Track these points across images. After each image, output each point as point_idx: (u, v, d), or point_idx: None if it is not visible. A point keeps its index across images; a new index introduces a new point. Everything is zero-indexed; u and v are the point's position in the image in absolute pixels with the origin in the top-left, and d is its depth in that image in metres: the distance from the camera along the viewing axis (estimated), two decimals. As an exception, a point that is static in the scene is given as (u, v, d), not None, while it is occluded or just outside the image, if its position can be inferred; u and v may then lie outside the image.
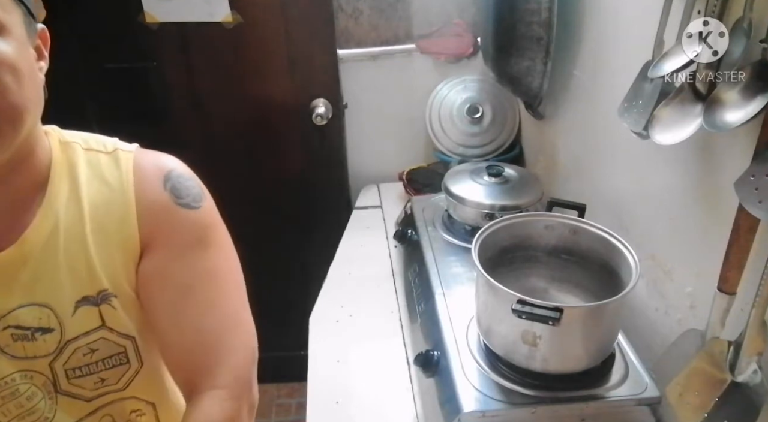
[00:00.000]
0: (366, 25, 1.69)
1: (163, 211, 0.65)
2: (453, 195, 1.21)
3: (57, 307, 0.61)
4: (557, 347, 0.79)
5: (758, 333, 0.67)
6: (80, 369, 0.64)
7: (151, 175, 0.66)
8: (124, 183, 0.64)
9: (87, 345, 0.63)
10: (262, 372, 1.67)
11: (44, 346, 0.61)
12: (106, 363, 0.65)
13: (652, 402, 0.80)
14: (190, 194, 0.68)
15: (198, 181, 0.71)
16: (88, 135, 0.69)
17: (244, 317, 0.70)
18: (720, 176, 0.77)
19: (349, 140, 1.80)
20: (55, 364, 0.62)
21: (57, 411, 0.64)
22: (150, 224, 0.64)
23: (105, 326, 0.64)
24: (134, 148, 0.69)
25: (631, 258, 0.83)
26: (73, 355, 0.62)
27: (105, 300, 0.63)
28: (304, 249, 1.90)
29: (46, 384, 0.63)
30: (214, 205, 0.72)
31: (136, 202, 0.64)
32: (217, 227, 0.71)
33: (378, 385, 1.04)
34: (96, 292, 0.62)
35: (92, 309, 0.62)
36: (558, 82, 1.30)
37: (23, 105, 0.54)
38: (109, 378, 0.66)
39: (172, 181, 0.67)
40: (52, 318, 0.60)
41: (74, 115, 1.64)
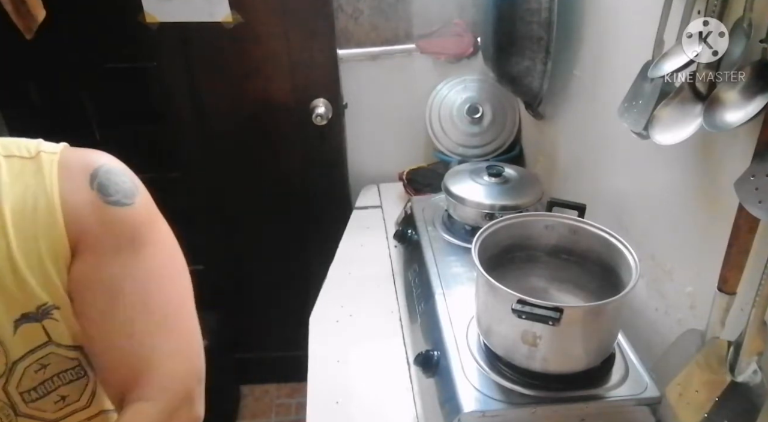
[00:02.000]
0: (366, 25, 1.69)
1: (91, 211, 0.60)
2: (453, 195, 1.21)
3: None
4: (557, 347, 0.79)
5: (758, 333, 0.67)
6: (36, 391, 0.60)
7: (77, 174, 0.61)
8: (48, 186, 0.59)
9: (37, 362, 0.59)
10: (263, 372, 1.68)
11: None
12: (62, 377, 0.62)
13: (652, 402, 0.80)
14: (120, 190, 0.62)
15: (131, 175, 0.65)
16: (8, 140, 0.62)
17: (185, 324, 0.65)
18: (720, 176, 0.77)
19: (349, 140, 1.80)
20: (8, 387, 0.59)
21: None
22: (77, 226, 0.59)
23: (52, 341, 0.60)
24: (60, 148, 0.63)
25: (631, 258, 0.83)
26: (24, 375, 0.59)
27: (46, 314, 0.59)
28: (304, 250, 1.90)
29: (4, 408, 0.59)
30: (151, 200, 0.67)
31: (62, 205, 0.59)
32: (153, 224, 0.66)
33: (378, 385, 1.04)
34: (35, 308, 0.58)
35: (34, 326, 0.58)
36: (558, 82, 1.30)
37: None
38: (69, 394, 0.63)
39: (99, 178, 0.62)
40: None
41: (74, 115, 1.66)
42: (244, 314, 2.02)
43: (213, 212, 1.85)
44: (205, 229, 1.86)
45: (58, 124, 1.66)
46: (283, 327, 1.94)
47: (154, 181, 2.03)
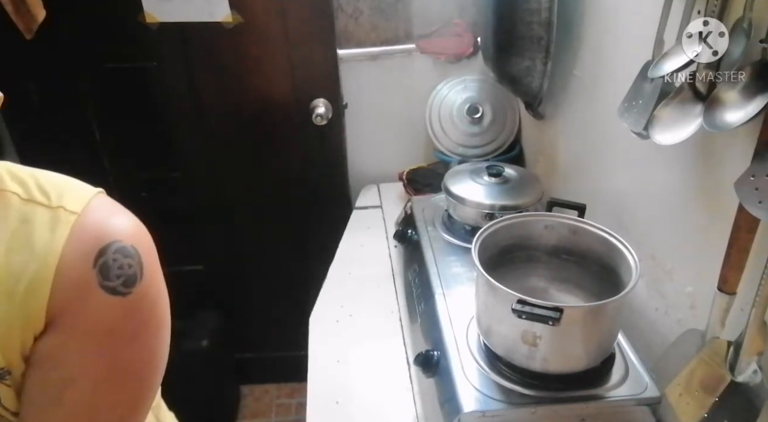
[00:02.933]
0: (366, 25, 1.69)
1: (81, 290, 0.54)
2: (453, 195, 1.21)
3: None
4: (557, 347, 0.79)
5: (758, 333, 0.67)
6: None
7: (86, 246, 0.55)
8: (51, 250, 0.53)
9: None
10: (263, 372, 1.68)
11: None
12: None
13: (652, 402, 0.80)
14: (123, 275, 0.56)
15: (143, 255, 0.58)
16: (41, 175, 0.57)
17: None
18: (720, 176, 0.77)
19: (349, 140, 1.80)
20: None
21: None
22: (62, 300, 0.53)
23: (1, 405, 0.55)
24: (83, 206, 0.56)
25: (631, 258, 0.83)
26: None
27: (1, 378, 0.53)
28: (304, 249, 1.90)
29: None
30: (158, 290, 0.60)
31: (56, 274, 0.53)
32: (145, 320, 0.59)
33: (378, 385, 1.04)
34: None
35: None
36: (558, 82, 1.30)
37: None
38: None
39: (106, 257, 0.55)
40: None
41: (74, 115, 1.66)
42: (244, 314, 2.02)
43: (213, 212, 1.85)
44: (205, 229, 1.87)
45: (58, 124, 1.66)
46: (283, 327, 1.94)
47: (154, 181, 2.04)
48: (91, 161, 1.71)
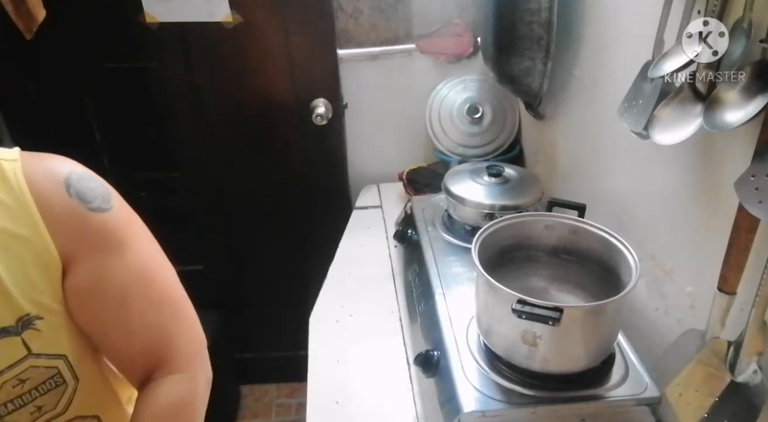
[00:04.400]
0: (366, 25, 1.69)
1: (76, 221, 0.61)
2: (453, 195, 1.21)
3: None
4: (557, 347, 0.79)
5: (758, 333, 0.67)
6: (12, 403, 0.60)
7: (49, 183, 0.60)
8: (21, 198, 0.58)
9: (15, 377, 0.59)
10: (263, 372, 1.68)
11: None
12: (40, 389, 0.61)
13: (652, 402, 0.80)
14: (98, 196, 0.63)
15: (99, 178, 0.65)
16: None
17: (185, 305, 0.72)
18: (720, 176, 0.77)
19: (349, 140, 1.80)
20: None
21: None
22: (65, 237, 0.59)
23: (32, 354, 0.59)
24: (16, 154, 0.62)
25: (631, 258, 0.83)
26: (1, 390, 0.58)
27: (27, 325, 0.59)
28: (304, 249, 1.90)
29: None
30: (121, 198, 0.67)
31: (42, 216, 0.58)
32: (132, 223, 0.67)
33: (378, 385, 1.04)
34: (15, 321, 0.58)
35: (13, 340, 0.58)
36: (558, 82, 1.30)
37: None
38: (46, 404, 0.62)
39: (74, 186, 0.61)
40: None
41: (74, 115, 1.66)
42: (244, 314, 2.02)
43: (213, 212, 1.85)
44: (205, 229, 1.87)
45: (58, 124, 1.66)
46: (283, 327, 1.94)
47: (154, 181, 2.04)
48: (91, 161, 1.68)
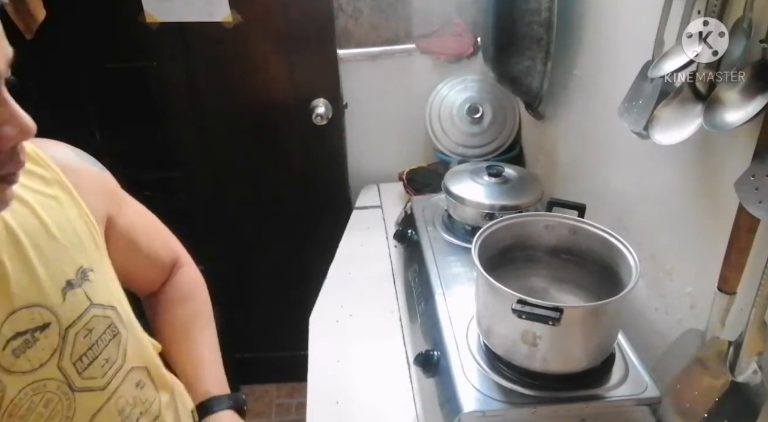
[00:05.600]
0: (366, 25, 1.69)
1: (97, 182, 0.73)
2: (453, 195, 1.20)
3: (46, 302, 0.59)
4: (557, 347, 0.79)
5: (758, 333, 0.67)
6: (86, 356, 0.63)
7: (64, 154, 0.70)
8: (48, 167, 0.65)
9: (84, 328, 0.63)
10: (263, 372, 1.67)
11: (47, 343, 0.59)
12: (103, 339, 0.65)
13: (652, 402, 0.80)
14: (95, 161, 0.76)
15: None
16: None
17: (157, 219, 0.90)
18: (720, 176, 0.77)
19: (349, 140, 1.80)
20: (62, 363, 0.61)
21: (76, 410, 0.62)
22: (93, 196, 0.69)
23: (92, 304, 0.64)
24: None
25: (631, 258, 0.83)
26: (75, 342, 0.62)
27: (84, 277, 0.63)
28: (304, 249, 1.90)
29: (60, 387, 0.61)
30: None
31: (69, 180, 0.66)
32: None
33: (378, 385, 1.04)
34: (75, 273, 0.62)
35: (77, 291, 0.62)
36: (558, 82, 1.30)
37: None
38: (110, 355, 0.66)
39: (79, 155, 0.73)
40: (46, 314, 0.59)
41: (74, 115, 1.66)
42: (244, 314, 2.02)
43: (213, 212, 1.85)
44: (205, 229, 1.86)
45: (58, 124, 1.66)
46: (283, 327, 1.94)
47: (154, 181, 2.04)
48: (91, 161, 1.71)
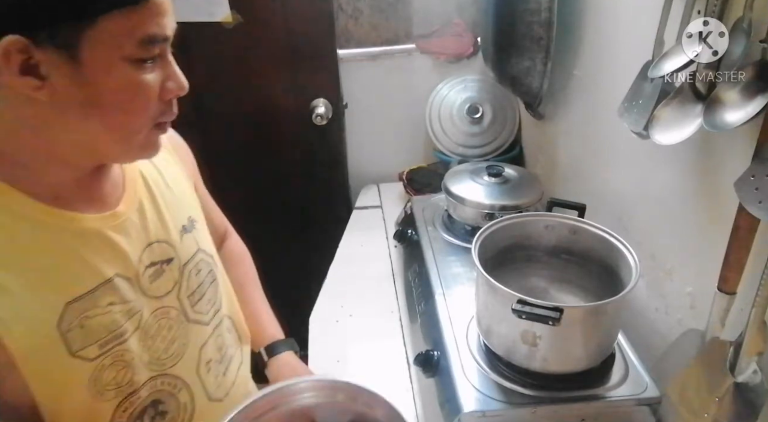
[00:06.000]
0: (366, 25, 1.69)
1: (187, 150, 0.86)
2: (453, 195, 1.20)
3: (170, 240, 0.70)
4: (557, 347, 0.79)
5: (758, 333, 0.67)
6: (196, 293, 0.73)
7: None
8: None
9: (195, 267, 0.73)
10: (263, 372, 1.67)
11: (170, 276, 0.69)
12: (207, 281, 0.75)
13: (652, 402, 0.80)
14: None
15: None
16: None
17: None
18: (720, 176, 0.77)
19: (349, 140, 1.80)
20: (180, 295, 0.70)
21: (189, 338, 0.71)
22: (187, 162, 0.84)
23: (200, 249, 0.75)
24: None
25: (631, 258, 0.83)
26: (189, 279, 0.72)
27: (193, 225, 0.75)
28: (304, 250, 1.90)
29: (178, 316, 0.70)
30: None
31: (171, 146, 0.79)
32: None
33: (378, 385, 1.04)
34: (187, 220, 0.74)
35: (190, 235, 0.74)
36: (558, 82, 1.30)
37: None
38: (212, 296, 0.76)
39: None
40: (170, 250, 0.69)
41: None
42: (245, 314, 2.02)
43: (213, 212, 1.85)
44: (205, 229, 1.87)
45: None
46: (283, 326, 1.94)
47: (154, 181, 1.98)
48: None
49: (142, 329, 0.64)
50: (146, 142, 0.61)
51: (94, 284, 0.60)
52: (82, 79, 0.52)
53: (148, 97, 0.57)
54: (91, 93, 0.53)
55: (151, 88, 0.56)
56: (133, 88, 0.55)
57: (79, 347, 0.58)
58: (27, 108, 0.53)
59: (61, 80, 0.52)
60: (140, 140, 0.59)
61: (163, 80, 0.58)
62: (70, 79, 0.52)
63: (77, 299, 0.58)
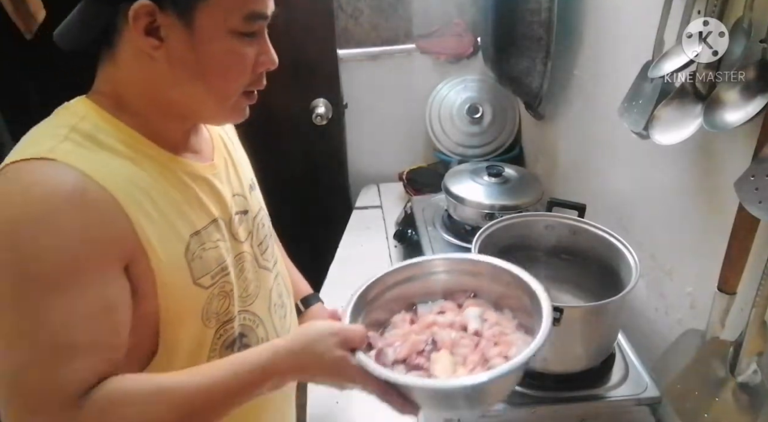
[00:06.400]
0: (366, 25, 1.69)
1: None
2: (453, 195, 1.20)
3: (244, 194, 0.77)
4: (557, 347, 0.79)
5: (758, 333, 0.67)
6: (262, 244, 0.80)
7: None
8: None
9: (260, 221, 0.80)
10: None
11: (246, 226, 0.75)
12: (268, 235, 0.83)
13: (652, 402, 0.80)
14: None
15: None
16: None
17: None
18: (720, 176, 0.77)
19: (349, 140, 1.80)
20: (253, 243, 0.77)
21: (261, 282, 0.77)
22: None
23: (261, 207, 0.83)
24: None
25: (631, 258, 0.83)
26: (258, 230, 0.79)
27: (254, 185, 0.83)
28: (304, 250, 1.90)
29: (253, 262, 0.76)
30: None
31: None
32: None
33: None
34: (251, 181, 0.82)
35: (254, 193, 0.81)
36: (558, 82, 1.30)
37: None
38: (271, 250, 0.83)
39: None
40: (245, 203, 0.76)
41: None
42: (244, 314, 2.02)
43: (213, 212, 1.85)
44: (205, 229, 1.87)
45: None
46: (283, 327, 1.93)
47: (154, 181, 1.98)
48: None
49: (235, 266, 0.71)
50: (236, 107, 0.69)
51: (207, 221, 0.67)
52: (193, 44, 0.60)
53: (244, 67, 0.65)
54: (199, 57, 0.61)
55: (248, 59, 0.64)
56: (234, 57, 0.63)
57: (198, 275, 0.65)
58: (150, 66, 0.61)
59: (176, 43, 0.60)
60: (232, 104, 0.67)
61: (258, 54, 0.66)
62: (183, 43, 0.60)
63: (197, 233, 0.65)
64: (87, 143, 0.59)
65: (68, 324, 0.53)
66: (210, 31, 0.60)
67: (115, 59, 0.64)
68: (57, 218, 0.54)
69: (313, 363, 0.61)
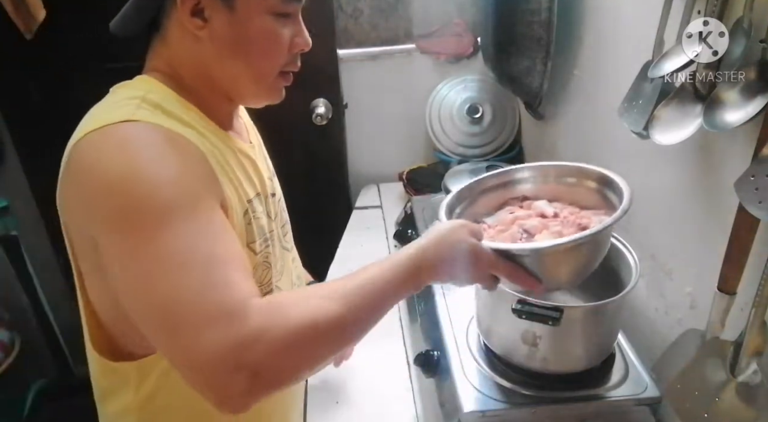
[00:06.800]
0: (366, 25, 1.69)
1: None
2: (453, 195, 1.20)
3: (272, 177, 0.82)
4: (557, 347, 0.79)
5: (758, 333, 0.67)
6: (284, 227, 0.84)
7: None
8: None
9: (282, 206, 0.85)
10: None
11: (273, 208, 0.79)
12: (287, 221, 0.87)
13: (652, 402, 0.80)
14: None
15: None
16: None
17: None
18: (720, 176, 0.77)
19: (349, 140, 1.80)
20: (277, 224, 0.80)
21: (285, 263, 0.81)
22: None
23: (280, 195, 0.86)
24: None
25: (631, 258, 0.83)
26: (281, 213, 0.83)
27: (273, 173, 0.86)
28: (304, 250, 1.90)
29: (278, 242, 0.79)
30: None
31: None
32: None
33: (378, 385, 1.04)
34: (271, 169, 0.86)
35: (275, 181, 0.85)
36: (558, 82, 1.30)
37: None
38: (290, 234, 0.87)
39: None
40: (273, 186, 0.81)
41: (74, 115, 1.65)
42: (244, 314, 2.02)
43: (213, 212, 1.85)
44: (205, 229, 1.87)
45: (58, 124, 1.66)
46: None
47: (154, 181, 1.98)
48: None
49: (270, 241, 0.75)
50: (273, 87, 0.72)
51: (254, 193, 0.72)
52: (234, 23, 0.64)
53: (281, 46, 0.69)
54: (240, 36, 0.65)
55: (285, 39, 0.68)
56: (272, 36, 0.67)
57: (251, 239, 0.69)
58: (196, 46, 0.66)
59: (218, 23, 0.64)
60: (269, 84, 0.71)
61: (293, 35, 0.70)
62: (225, 23, 0.64)
63: (250, 201, 0.70)
64: (158, 112, 0.62)
65: (206, 241, 0.55)
66: (249, 11, 0.64)
67: (166, 40, 0.68)
68: (163, 154, 0.57)
69: (452, 252, 0.64)
